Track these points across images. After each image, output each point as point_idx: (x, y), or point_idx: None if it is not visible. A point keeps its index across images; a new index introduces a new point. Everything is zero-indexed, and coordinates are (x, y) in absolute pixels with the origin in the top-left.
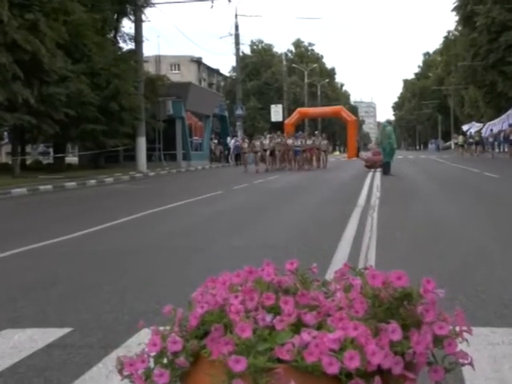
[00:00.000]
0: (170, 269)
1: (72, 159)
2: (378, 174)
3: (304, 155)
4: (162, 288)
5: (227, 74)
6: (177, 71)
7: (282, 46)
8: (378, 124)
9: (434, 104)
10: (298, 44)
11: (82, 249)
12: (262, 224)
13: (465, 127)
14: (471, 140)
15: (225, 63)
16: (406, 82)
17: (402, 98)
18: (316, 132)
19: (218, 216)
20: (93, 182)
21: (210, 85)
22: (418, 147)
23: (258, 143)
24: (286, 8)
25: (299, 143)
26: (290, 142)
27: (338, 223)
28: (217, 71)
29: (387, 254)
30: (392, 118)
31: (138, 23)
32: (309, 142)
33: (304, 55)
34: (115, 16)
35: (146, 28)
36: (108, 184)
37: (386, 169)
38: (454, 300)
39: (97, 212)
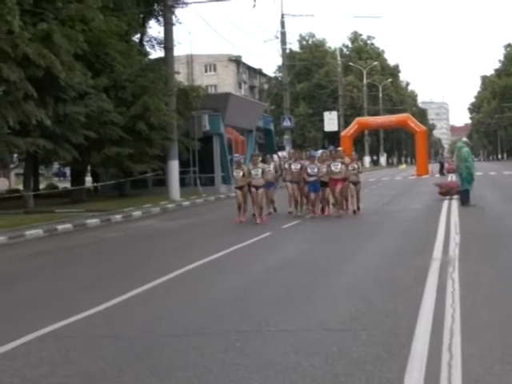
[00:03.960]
0: (213, 368)
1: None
2: (455, 204)
3: (327, 190)
4: None
5: (271, 75)
6: (212, 72)
7: (336, 43)
8: (452, 128)
9: None
10: (355, 38)
11: (112, 331)
12: (319, 290)
13: None
14: None
15: (268, 62)
16: (484, 79)
17: (479, 97)
18: (339, 148)
19: (266, 277)
20: (118, 217)
21: (252, 88)
22: (499, 156)
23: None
24: (337, 5)
25: (315, 171)
26: (295, 167)
27: (411, 289)
28: (259, 71)
29: (475, 345)
30: (469, 120)
31: (168, 27)
32: (334, 166)
33: (362, 50)
34: (141, 16)
35: (175, 28)
36: (136, 219)
37: (464, 198)
38: None
39: (120, 271)
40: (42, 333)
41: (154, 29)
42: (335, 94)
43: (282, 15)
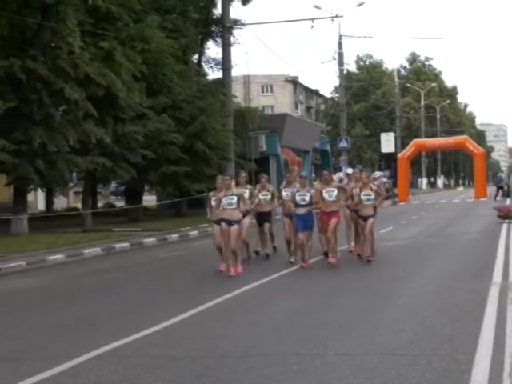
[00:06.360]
0: None
1: (149, 198)
2: None
3: (323, 225)
4: None
5: (328, 95)
6: (269, 93)
7: (394, 64)
8: (510, 150)
9: None
10: (413, 59)
11: (170, 351)
12: (376, 313)
13: None
14: None
15: (325, 83)
16: None
17: None
18: (347, 170)
19: (324, 299)
20: (175, 236)
21: (308, 108)
22: None
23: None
24: (395, 26)
25: (307, 198)
26: (287, 193)
27: (471, 313)
28: (316, 92)
29: None
30: None
31: (226, 47)
32: (328, 194)
33: (420, 71)
34: (199, 37)
35: (232, 48)
36: (192, 238)
37: None
38: None
39: (177, 290)
40: (101, 351)
41: (212, 49)
42: (392, 115)
43: (340, 36)
